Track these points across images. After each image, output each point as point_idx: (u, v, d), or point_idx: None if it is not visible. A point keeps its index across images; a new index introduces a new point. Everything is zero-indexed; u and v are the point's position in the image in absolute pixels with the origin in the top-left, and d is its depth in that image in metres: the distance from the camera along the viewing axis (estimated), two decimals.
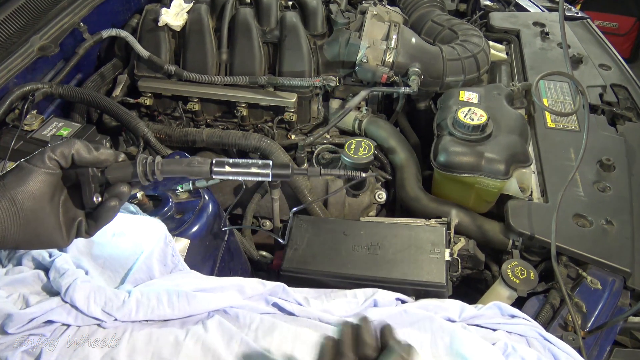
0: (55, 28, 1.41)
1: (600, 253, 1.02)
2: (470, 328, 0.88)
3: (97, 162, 0.63)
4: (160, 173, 0.65)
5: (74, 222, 0.66)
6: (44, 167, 0.60)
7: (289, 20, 1.50)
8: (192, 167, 0.65)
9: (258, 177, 0.66)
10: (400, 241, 1.04)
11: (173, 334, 0.81)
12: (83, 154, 0.62)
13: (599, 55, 1.66)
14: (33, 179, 0.60)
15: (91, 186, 0.64)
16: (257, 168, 0.66)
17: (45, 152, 0.61)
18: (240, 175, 0.66)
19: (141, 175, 0.65)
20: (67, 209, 0.65)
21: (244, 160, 0.66)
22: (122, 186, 0.66)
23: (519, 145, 1.19)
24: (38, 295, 0.85)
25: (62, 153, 0.61)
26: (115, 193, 0.66)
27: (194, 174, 0.66)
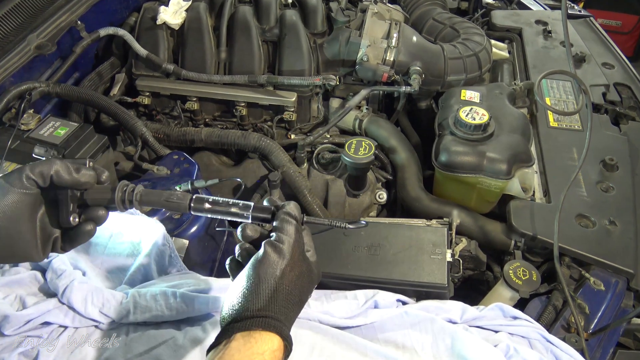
0: (52, 26, 1.41)
1: (603, 254, 1.02)
2: (472, 330, 0.88)
3: (76, 184, 0.63)
4: (139, 203, 0.66)
5: (50, 238, 0.66)
6: (21, 187, 0.60)
7: (288, 19, 1.50)
8: (170, 201, 0.66)
9: (237, 217, 0.67)
10: (401, 242, 1.04)
11: (171, 335, 0.81)
12: (63, 175, 0.61)
13: (602, 53, 1.66)
14: (9, 199, 0.60)
15: (69, 207, 0.64)
16: (237, 209, 0.66)
17: (24, 171, 0.60)
18: (219, 214, 0.67)
19: (119, 203, 0.65)
20: (44, 225, 0.65)
21: (224, 200, 0.67)
22: (99, 210, 0.66)
23: (521, 145, 1.19)
24: (35, 296, 0.85)
25: (41, 173, 0.61)
26: (92, 217, 0.66)
27: (172, 209, 0.67)
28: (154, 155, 1.42)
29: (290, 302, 0.60)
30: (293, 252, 0.62)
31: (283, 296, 0.59)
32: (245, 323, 0.56)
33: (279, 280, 0.59)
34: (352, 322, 0.86)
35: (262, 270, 0.60)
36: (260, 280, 0.59)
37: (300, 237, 0.65)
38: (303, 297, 0.63)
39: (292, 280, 0.61)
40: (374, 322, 0.87)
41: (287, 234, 0.63)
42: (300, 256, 0.64)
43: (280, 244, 0.62)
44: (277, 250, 0.61)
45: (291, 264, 0.61)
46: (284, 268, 0.60)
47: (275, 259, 0.60)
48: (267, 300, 0.58)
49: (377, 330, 0.87)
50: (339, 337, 0.83)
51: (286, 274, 0.60)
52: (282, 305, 0.59)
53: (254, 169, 1.50)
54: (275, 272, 0.59)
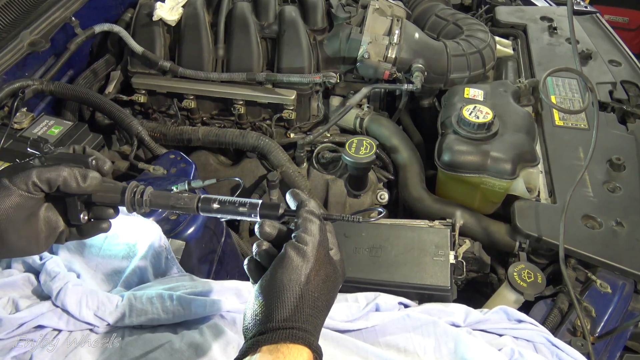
0: (46, 23, 1.41)
1: (610, 255, 1.02)
2: (476, 333, 0.88)
3: (83, 192, 0.63)
4: (148, 207, 0.67)
5: (55, 231, 0.66)
6: (26, 191, 0.60)
7: (288, 15, 1.50)
8: (178, 204, 0.66)
9: (245, 216, 0.67)
10: (402, 243, 1.04)
11: (167, 339, 0.81)
12: (70, 184, 0.61)
13: (609, 50, 1.66)
14: (13, 201, 0.59)
15: (77, 207, 0.65)
16: (245, 208, 0.66)
17: (30, 177, 0.60)
18: (227, 214, 0.67)
19: (128, 205, 0.66)
20: (49, 220, 0.65)
21: (232, 199, 0.67)
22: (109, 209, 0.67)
23: (526, 144, 1.19)
24: (28, 299, 0.85)
25: (48, 180, 0.61)
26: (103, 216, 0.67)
27: (180, 210, 0.67)
28: (150, 154, 1.42)
29: (317, 309, 0.58)
30: (318, 254, 0.60)
31: (309, 304, 0.57)
32: (272, 335, 0.54)
33: (304, 286, 0.57)
34: (352, 325, 0.86)
35: (286, 276, 0.57)
36: (284, 288, 0.56)
37: (325, 237, 0.63)
38: (330, 302, 0.61)
39: (318, 285, 0.58)
40: (375, 326, 0.87)
41: (311, 234, 0.60)
42: (325, 257, 0.61)
43: (304, 246, 0.59)
44: (300, 253, 0.59)
45: (316, 267, 0.59)
46: (309, 273, 0.58)
47: (298, 263, 0.58)
48: (293, 309, 0.55)
49: (379, 333, 0.87)
50: (339, 340, 0.83)
51: (311, 279, 0.58)
52: (309, 314, 0.56)
53: (252, 168, 1.50)
54: (299, 278, 0.57)
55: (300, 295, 0.56)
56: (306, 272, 0.58)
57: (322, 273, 0.60)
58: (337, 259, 0.64)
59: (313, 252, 0.59)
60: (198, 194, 0.67)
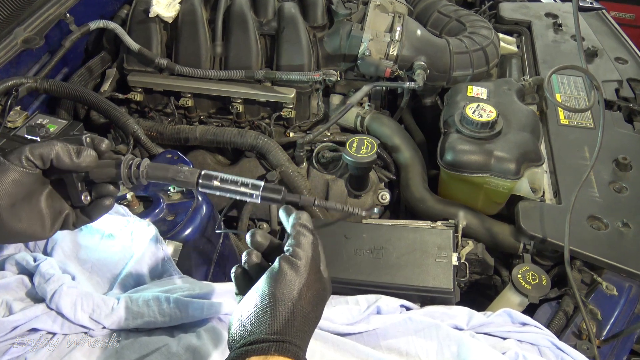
0: (40, 19, 1.40)
1: (616, 257, 1.02)
2: (479, 336, 0.88)
3: (77, 168, 0.63)
4: (145, 178, 0.67)
5: (60, 214, 0.66)
6: (20, 166, 0.61)
7: (287, 11, 1.50)
8: (177, 177, 0.66)
9: (245, 197, 0.67)
10: (404, 244, 1.04)
11: (164, 342, 0.81)
12: (63, 159, 0.62)
13: (615, 48, 1.66)
14: (9, 177, 0.60)
15: (77, 187, 0.65)
16: (246, 188, 0.67)
17: (23, 152, 0.61)
18: (227, 192, 0.67)
19: (125, 178, 0.66)
20: (53, 201, 0.66)
21: (233, 178, 0.67)
22: (109, 186, 0.67)
23: (530, 143, 1.19)
24: (22, 301, 0.85)
25: (41, 155, 0.61)
26: (101, 192, 0.67)
27: (179, 184, 0.67)
28: (147, 154, 1.42)
29: (307, 324, 0.59)
30: (310, 269, 0.61)
31: (300, 319, 0.58)
32: (262, 347, 0.55)
33: (296, 301, 0.58)
34: (353, 328, 0.87)
35: (279, 290, 0.58)
36: (276, 302, 0.57)
37: (317, 253, 0.64)
38: (318, 317, 0.63)
39: (309, 301, 0.60)
40: (376, 329, 0.87)
41: (304, 249, 0.62)
42: (317, 274, 0.63)
43: (297, 261, 0.61)
44: (293, 268, 0.60)
45: (308, 283, 0.60)
46: (301, 288, 0.59)
47: (292, 277, 0.59)
48: (284, 323, 0.57)
49: (380, 337, 0.87)
50: (339, 344, 0.83)
51: (303, 295, 0.59)
52: (299, 328, 0.57)
53: (250, 168, 1.50)
54: (292, 293, 0.58)
55: (292, 310, 0.58)
56: (299, 287, 0.59)
57: (313, 289, 0.61)
58: (326, 276, 0.65)
59: (306, 268, 0.61)
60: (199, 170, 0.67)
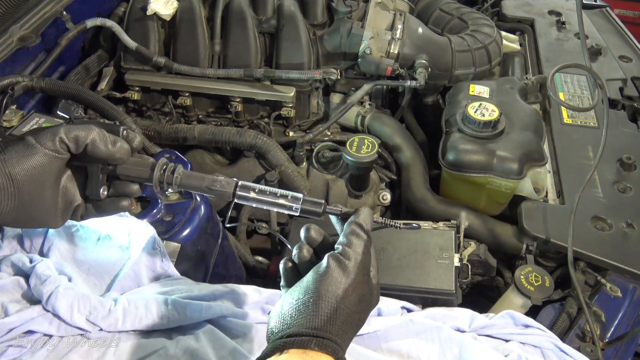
0: (36, 17, 1.40)
1: (620, 258, 1.02)
2: (481, 339, 0.88)
3: (111, 158, 0.62)
4: (178, 185, 0.64)
5: (71, 205, 0.65)
6: (52, 150, 0.58)
7: (286, 9, 1.50)
8: (213, 188, 0.64)
9: (284, 209, 0.65)
10: (405, 245, 1.04)
11: (162, 344, 0.81)
12: (99, 146, 0.60)
13: (619, 46, 1.66)
14: (37, 160, 0.58)
15: (99, 179, 0.62)
16: (285, 200, 0.65)
17: (58, 133, 0.58)
18: (264, 204, 0.65)
19: (156, 182, 0.63)
20: (67, 191, 0.64)
21: (271, 189, 0.65)
22: (133, 185, 0.65)
23: (533, 143, 1.19)
24: (18, 303, 0.85)
25: (77, 138, 0.59)
26: (124, 192, 0.65)
27: (214, 194, 0.65)
28: (144, 153, 1.42)
29: (349, 325, 0.59)
30: (358, 271, 0.61)
31: (343, 318, 0.58)
32: (302, 340, 0.55)
33: (341, 300, 0.58)
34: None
35: (324, 286, 0.58)
36: (320, 298, 0.58)
37: (368, 256, 0.64)
38: (361, 322, 0.62)
39: (353, 302, 0.60)
40: (377, 331, 0.87)
41: (355, 250, 0.62)
42: (365, 277, 0.62)
43: (346, 260, 0.60)
44: (341, 267, 0.60)
45: (354, 284, 0.60)
46: (347, 288, 0.59)
47: (339, 276, 0.59)
48: (326, 320, 0.57)
49: (381, 339, 0.87)
50: None
51: (348, 295, 0.59)
52: (340, 327, 0.57)
53: (250, 168, 1.50)
54: (337, 291, 0.58)
55: (335, 308, 0.58)
56: (344, 287, 0.59)
57: (359, 291, 0.61)
58: (375, 282, 0.65)
59: (354, 269, 0.60)
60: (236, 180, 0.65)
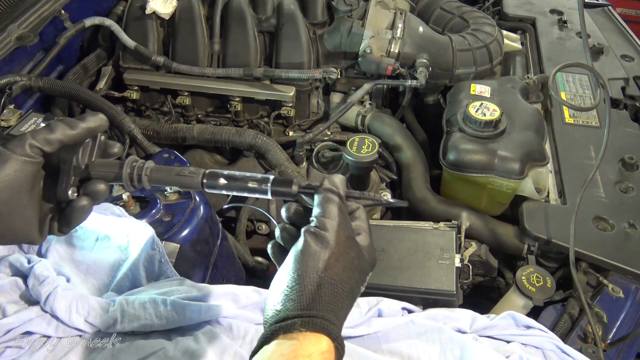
0: (34, 16, 1.41)
1: (622, 259, 1.02)
2: (482, 340, 0.88)
3: (89, 132, 0.61)
4: (148, 180, 0.65)
5: (46, 216, 0.64)
6: (24, 154, 0.58)
7: (286, 8, 1.50)
8: (182, 176, 0.65)
9: (255, 193, 0.65)
10: (406, 246, 1.04)
11: (161, 346, 0.81)
12: (70, 131, 0.59)
13: (621, 45, 1.66)
14: (11, 167, 0.57)
15: (70, 178, 0.62)
16: (255, 183, 0.65)
17: (26, 140, 0.58)
18: (234, 190, 0.65)
19: (126, 179, 0.64)
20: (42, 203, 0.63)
21: (240, 173, 0.65)
22: (99, 184, 0.63)
23: (534, 143, 1.19)
24: (16, 304, 0.85)
25: (45, 138, 0.59)
26: (89, 190, 0.63)
27: (183, 185, 0.65)
28: (143, 153, 1.42)
29: (338, 297, 0.57)
30: (338, 238, 0.59)
31: (329, 291, 0.56)
32: (288, 324, 0.54)
33: (323, 273, 0.56)
34: (354, 331, 0.86)
35: (303, 263, 0.57)
36: (301, 276, 0.56)
37: (346, 219, 0.62)
38: (354, 289, 0.60)
39: (338, 272, 0.58)
40: (377, 332, 0.87)
41: (330, 217, 0.60)
42: (347, 242, 0.60)
43: (322, 231, 0.59)
44: (318, 239, 0.58)
45: (336, 253, 0.58)
46: (328, 259, 0.57)
47: (316, 249, 0.57)
48: (311, 297, 0.55)
49: (381, 340, 0.87)
50: None
51: (330, 266, 0.57)
52: (328, 302, 0.56)
53: (249, 168, 1.50)
54: (317, 265, 0.57)
55: (318, 283, 0.56)
56: (325, 258, 0.57)
57: (343, 259, 0.59)
58: (365, 244, 0.63)
59: (333, 237, 0.58)
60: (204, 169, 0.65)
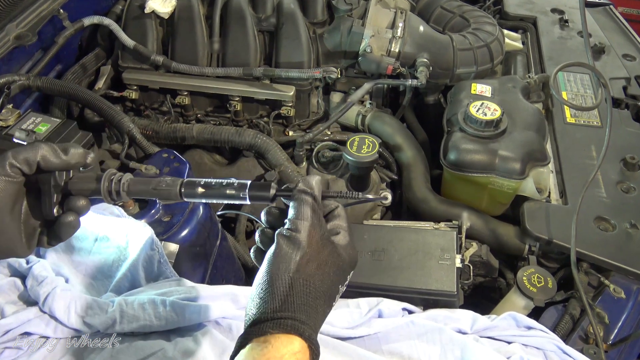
0: (33, 15, 1.40)
1: (623, 259, 1.02)
2: (483, 340, 0.88)
3: (67, 166, 0.62)
4: (127, 194, 0.65)
5: (34, 232, 0.64)
6: (4, 175, 0.59)
7: (286, 7, 1.50)
8: (159, 189, 0.65)
9: (234, 199, 0.65)
10: (407, 246, 1.04)
11: (160, 346, 0.81)
12: (50, 159, 0.60)
13: (623, 44, 1.66)
14: None
15: (52, 197, 0.63)
16: (233, 190, 0.64)
17: (7, 159, 0.59)
18: (213, 198, 0.66)
19: (105, 194, 0.64)
20: (27, 217, 0.64)
21: (217, 181, 0.65)
22: (80, 200, 0.64)
23: (535, 142, 1.19)
24: (14, 304, 0.85)
25: (26, 160, 0.59)
26: (71, 207, 0.64)
27: (162, 197, 0.65)
28: (142, 153, 1.42)
29: (311, 297, 0.57)
30: (310, 238, 0.59)
31: (301, 292, 0.56)
32: (260, 327, 0.54)
33: (295, 274, 0.57)
34: (354, 332, 0.87)
35: (274, 266, 0.57)
36: (272, 278, 0.57)
37: (320, 219, 0.62)
38: (330, 289, 0.60)
39: (311, 273, 0.58)
40: (377, 333, 0.87)
41: (303, 218, 0.60)
42: (321, 242, 0.60)
43: (294, 233, 0.59)
44: (290, 241, 0.58)
45: (309, 253, 0.58)
46: (300, 260, 0.57)
47: (287, 251, 0.58)
48: (283, 299, 0.55)
49: (382, 341, 0.87)
50: (340, 348, 0.83)
51: (303, 266, 0.57)
52: (300, 302, 0.56)
53: (249, 168, 1.50)
54: (288, 267, 0.57)
55: (290, 284, 0.56)
56: (297, 260, 0.57)
57: (316, 259, 0.59)
58: (344, 243, 0.63)
59: (305, 237, 0.59)
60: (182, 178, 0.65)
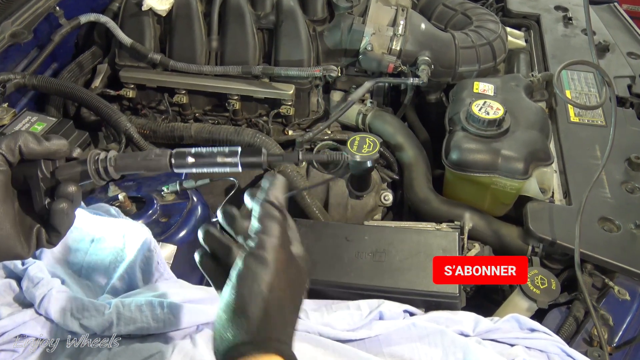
0: (28, 13, 1.40)
1: (628, 260, 1.02)
2: (486, 343, 0.88)
3: (48, 153, 0.62)
4: (115, 170, 0.63)
5: (31, 230, 0.64)
6: None
7: (286, 4, 1.50)
8: (149, 160, 0.63)
9: (226, 167, 0.63)
10: (408, 247, 1.04)
11: (158, 349, 0.81)
12: (32, 145, 0.60)
13: (627, 42, 1.66)
14: None
15: (41, 190, 0.62)
16: (224, 157, 0.63)
17: None
18: (205, 167, 0.64)
19: (93, 174, 0.63)
20: (22, 217, 0.63)
21: (208, 150, 0.64)
22: (69, 186, 0.63)
23: (539, 142, 1.19)
24: (9, 306, 0.85)
25: (8, 146, 0.59)
26: (61, 194, 0.63)
27: (151, 169, 0.64)
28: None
29: (285, 315, 0.57)
30: (278, 258, 0.58)
31: (276, 312, 0.56)
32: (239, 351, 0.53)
33: (268, 295, 0.56)
34: (355, 334, 0.87)
35: (246, 289, 0.56)
36: (246, 302, 0.55)
37: (285, 234, 0.61)
38: (298, 305, 0.60)
39: (283, 290, 0.57)
40: (378, 335, 0.87)
41: (270, 234, 0.59)
42: (288, 259, 0.60)
43: (263, 252, 0.57)
44: (259, 261, 0.57)
45: (278, 273, 0.57)
46: (271, 281, 0.56)
47: (258, 271, 0.56)
48: (259, 322, 0.55)
49: (383, 343, 0.87)
50: (340, 351, 0.83)
51: (274, 287, 0.56)
52: (276, 322, 0.56)
53: None
54: (261, 289, 0.56)
55: (264, 307, 0.55)
56: (268, 281, 0.56)
57: (285, 277, 0.58)
58: (299, 253, 0.62)
59: (274, 258, 0.57)
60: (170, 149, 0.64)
